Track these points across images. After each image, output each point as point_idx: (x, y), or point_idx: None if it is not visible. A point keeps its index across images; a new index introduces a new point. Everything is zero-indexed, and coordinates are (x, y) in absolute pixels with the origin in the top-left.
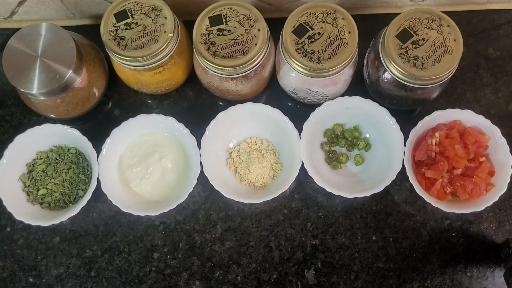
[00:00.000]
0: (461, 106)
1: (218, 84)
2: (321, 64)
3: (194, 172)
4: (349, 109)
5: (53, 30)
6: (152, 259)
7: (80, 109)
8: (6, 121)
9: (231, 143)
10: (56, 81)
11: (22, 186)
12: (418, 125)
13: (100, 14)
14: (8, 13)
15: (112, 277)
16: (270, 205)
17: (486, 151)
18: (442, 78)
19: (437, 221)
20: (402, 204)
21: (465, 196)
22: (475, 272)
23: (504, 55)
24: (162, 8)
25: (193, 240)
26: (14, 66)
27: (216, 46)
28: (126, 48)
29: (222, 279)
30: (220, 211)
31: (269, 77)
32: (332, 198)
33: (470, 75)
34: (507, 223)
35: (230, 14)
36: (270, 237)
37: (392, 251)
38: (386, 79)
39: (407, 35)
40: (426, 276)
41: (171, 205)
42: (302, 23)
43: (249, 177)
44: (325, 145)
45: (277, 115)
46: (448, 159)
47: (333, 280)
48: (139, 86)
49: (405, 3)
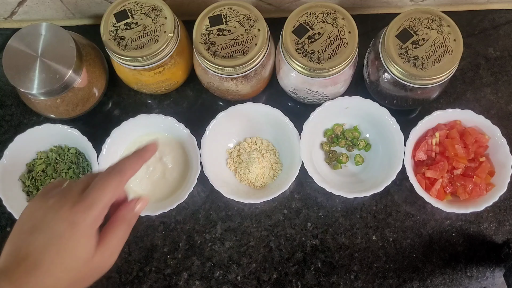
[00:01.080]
0: (461, 106)
1: (218, 84)
2: (321, 64)
3: (194, 172)
4: (349, 109)
5: (53, 30)
6: (152, 259)
7: (80, 109)
8: (6, 121)
9: (231, 143)
10: (56, 81)
11: (22, 186)
12: (418, 125)
13: (100, 14)
14: (8, 13)
15: (112, 277)
16: (270, 205)
17: (486, 151)
18: (442, 78)
19: (437, 221)
20: (402, 204)
21: (465, 196)
22: (475, 272)
23: (504, 55)
24: (162, 8)
25: (193, 240)
26: (14, 66)
27: (216, 46)
28: (126, 48)
29: (222, 279)
30: (220, 211)
31: (269, 77)
32: (332, 198)
33: (470, 75)
34: (507, 223)
35: (230, 14)
36: (270, 237)
37: (392, 251)
38: (386, 79)
39: (407, 35)
40: (426, 276)
41: (171, 205)
42: (302, 23)
43: (249, 177)
44: (325, 145)
45: (277, 115)
46: (448, 159)
47: (333, 280)
48: (139, 86)
49: (405, 3)
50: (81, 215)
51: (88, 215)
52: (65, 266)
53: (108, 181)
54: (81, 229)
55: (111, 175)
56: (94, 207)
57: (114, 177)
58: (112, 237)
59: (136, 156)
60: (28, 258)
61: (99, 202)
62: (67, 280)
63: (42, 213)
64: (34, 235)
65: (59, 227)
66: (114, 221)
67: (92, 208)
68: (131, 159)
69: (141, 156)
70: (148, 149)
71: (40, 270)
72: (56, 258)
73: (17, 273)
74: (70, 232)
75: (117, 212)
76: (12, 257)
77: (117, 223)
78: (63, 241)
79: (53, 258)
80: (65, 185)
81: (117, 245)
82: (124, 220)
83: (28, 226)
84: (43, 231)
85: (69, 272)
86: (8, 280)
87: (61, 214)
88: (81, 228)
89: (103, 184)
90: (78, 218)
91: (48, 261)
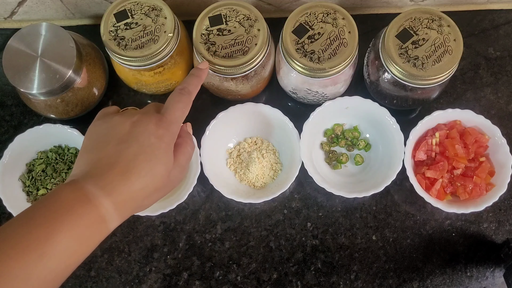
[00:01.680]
0: (461, 106)
1: (218, 84)
2: (321, 64)
3: (194, 172)
4: (349, 109)
5: (53, 30)
6: (152, 259)
7: (80, 109)
8: (6, 121)
9: (231, 143)
10: (56, 81)
11: (22, 186)
12: (418, 125)
13: (100, 14)
14: (8, 13)
15: (112, 277)
16: (270, 205)
17: (486, 151)
18: (442, 78)
19: (437, 221)
20: (402, 204)
21: (465, 196)
22: (475, 272)
23: (504, 55)
24: (162, 8)
25: (193, 240)
26: (14, 66)
27: (216, 46)
28: (126, 48)
29: (222, 279)
30: (220, 211)
31: (269, 77)
32: (332, 198)
33: (470, 75)
34: (507, 223)
35: (230, 14)
36: (270, 237)
37: (392, 251)
38: (386, 79)
39: (407, 35)
40: (426, 276)
41: (171, 205)
42: (302, 23)
43: (249, 177)
44: (325, 145)
45: (277, 115)
46: (448, 159)
47: (333, 280)
48: (139, 86)
49: (405, 3)
50: (165, 131)
51: (170, 131)
52: (152, 174)
53: (181, 101)
54: (166, 141)
55: (182, 97)
56: (174, 124)
57: (184, 98)
58: (182, 154)
59: (196, 76)
60: (118, 165)
61: (177, 119)
62: (151, 188)
63: (127, 127)
64: (122, 145)
65: (148, 139)
66: (181, 141)
67: (173, 124)
68: (193, 80)
69: (199, 76)
70: (202, 66)
71: (131, 175)
72: (146, 165)
73: (106, 178)
74: (158, 144)
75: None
76: (99, 164)
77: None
78: (153, 151)
79: (144, 166)
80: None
81: (185, 162)
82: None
83: (113, 138)
84: (132, 142)
85: (154, 180)
86: (95, 184)
87: (149, 129)
88: (165, 141)
89: (177, 104)
90: (163, 133)
91: (139, 167)
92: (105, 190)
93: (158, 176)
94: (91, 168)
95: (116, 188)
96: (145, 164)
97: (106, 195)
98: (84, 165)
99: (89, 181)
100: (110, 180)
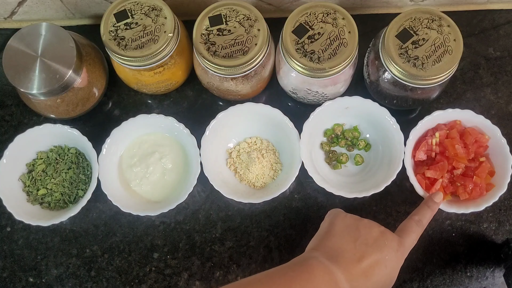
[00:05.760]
0: (461, 106)
1: (218, 84)
2: (321, 64)
3: (194, 172)
4: (349, 109)
5: (53, 30)
6: (152, 259)
7: (80, 109)
8: (6, 121)
9: (231, 143)
10: (56, 81)
11: (22, 186)
12: (418, 125)
13: (100, 14)
14: (8, 13)
15: (112, 277)
16: (270, 205)
17: (486, 151)
18: (442, 78)
19: (437, 221)
20: (402, 204)
21: (465, 196)
22: (475, 272)
23: (504, 55)
24: (162, 8)
25: (193, 240)
26: (14, 66)
27: (216, 46)
28: (126, 48)
29: (222, 279)
30: (220, 211)
31: (269, 77)
32: (332, 198)
33: (470, 75)
34: (507, 223)
35: (230, 14)
36: (270, 237)
37: None
38: (386, 79)
39: (407, 35)
40: (426, 276)
41: (171, 205)
42: (302, 23)
43: (249, 177)
44: (325, 145)
45: (277, 115)
46: (448, 159)
47: None
48: (139, 86)
49: (405, 3)
50: (402, 255)
51: (404, 256)
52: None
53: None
54: (399, 264)
55: (417, 228)
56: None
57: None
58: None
59: (431, 210)
60: (363, 262)
61: (410, 247)
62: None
63: (376, 234)
64: (368, 248)
65: (389, 255)
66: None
67: (407, 251)
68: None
69: (433, 210)
70: (437, 200)
71: (371, 277)
72: (381, 271)
73: (354, 273)
74: (396, 264)
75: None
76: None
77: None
78: (389, 263)
79: (379, 271)
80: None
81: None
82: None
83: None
84: (376, 250)
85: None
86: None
87: (392, 246)
88: (400, 263)
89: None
90: (401, 256)
91: (377, 276)
92: (351, 284)
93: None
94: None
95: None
96: (381, 270)
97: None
98: (329, 248)
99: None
100: (355, 277)
